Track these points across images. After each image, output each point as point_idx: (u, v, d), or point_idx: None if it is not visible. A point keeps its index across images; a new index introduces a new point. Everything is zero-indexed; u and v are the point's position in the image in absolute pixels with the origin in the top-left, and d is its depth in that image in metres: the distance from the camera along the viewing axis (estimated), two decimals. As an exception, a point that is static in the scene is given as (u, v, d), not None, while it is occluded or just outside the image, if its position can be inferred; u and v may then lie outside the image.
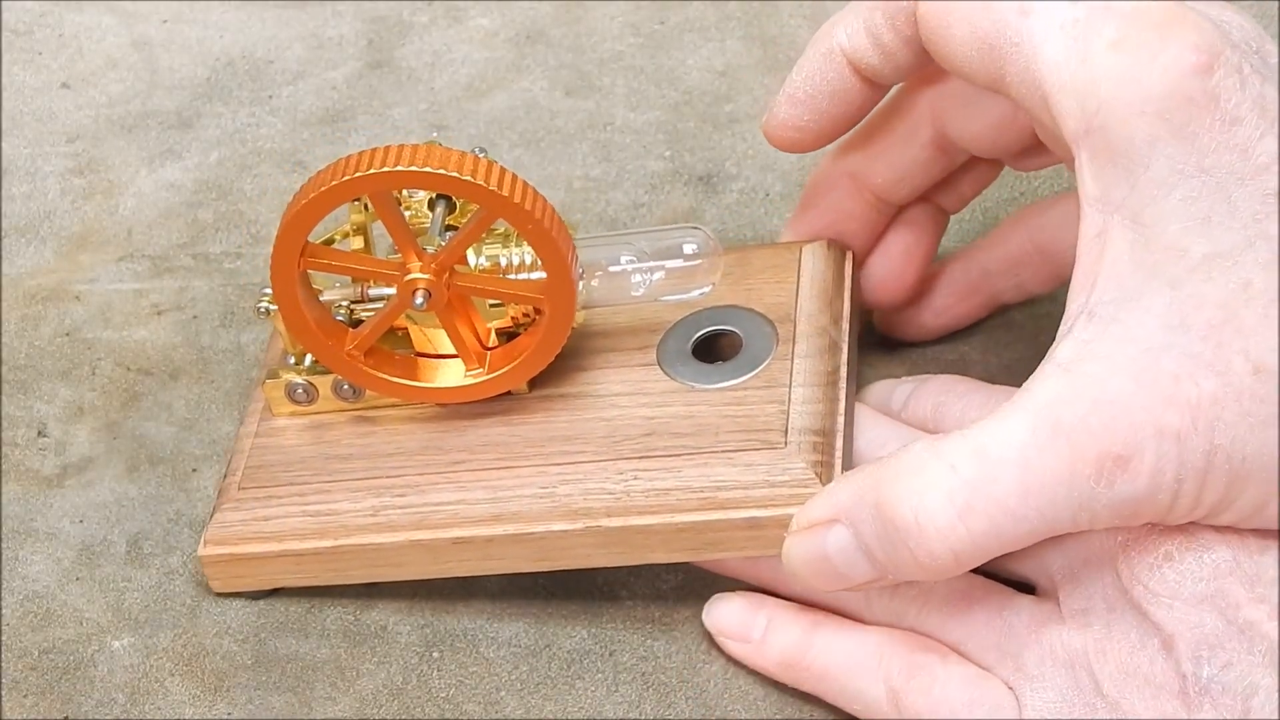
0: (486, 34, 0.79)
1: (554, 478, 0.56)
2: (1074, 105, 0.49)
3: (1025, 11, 0.50)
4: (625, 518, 0.55)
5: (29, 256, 0.70)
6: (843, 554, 0.51)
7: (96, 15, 0.81)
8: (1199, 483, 0.48)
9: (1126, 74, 0.48)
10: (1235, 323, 0.48)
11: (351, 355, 0.57)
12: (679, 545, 0.55)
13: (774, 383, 0.57)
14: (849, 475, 0.52)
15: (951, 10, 0.52)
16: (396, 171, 0.53)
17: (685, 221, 0.70)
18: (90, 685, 0.57)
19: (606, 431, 0.56)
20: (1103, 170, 0.49)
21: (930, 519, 0.49)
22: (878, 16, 0.55)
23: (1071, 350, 0.49)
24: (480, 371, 0.57)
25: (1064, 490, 0.48)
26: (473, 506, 0.56)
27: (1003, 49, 0.50)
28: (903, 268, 0.62)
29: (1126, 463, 0.48)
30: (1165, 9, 0.49)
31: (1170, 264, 0.48)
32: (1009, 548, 0.49)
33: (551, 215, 0.54)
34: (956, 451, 0.49)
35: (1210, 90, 0.48)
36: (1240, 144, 0.48)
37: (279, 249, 0.55)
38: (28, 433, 0.64)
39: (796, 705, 0.55)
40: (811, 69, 0.57)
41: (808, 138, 0.58)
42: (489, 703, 0.56)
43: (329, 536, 0.56)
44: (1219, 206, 0.48)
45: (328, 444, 0.58)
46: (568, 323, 0.56)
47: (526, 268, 0.57)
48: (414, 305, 0.55)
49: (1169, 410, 0.48)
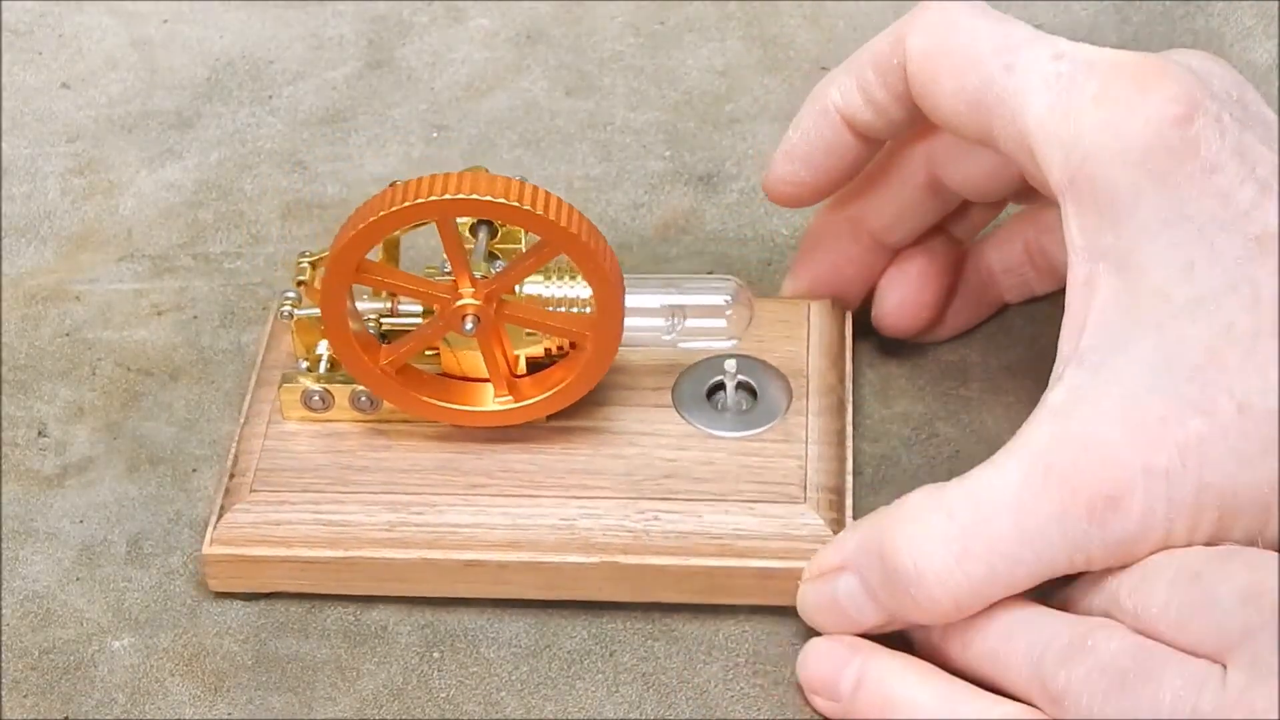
0: (486, 34, 0.79)
1: (575, 510, 0.57)
2: (1059, 157, 0.51)
3: (1010, 68, 0.52)
4: (642, 556, 0.56)
5: (29, 256, 0.70)
6: (851, 600, 0.53)
7: (96, 15, 0.81)
8: (1191, 519, 0.49)
9: (1109, 126, 0.50)
10: (1219, 363, 0.49)
11: (384, 370, 0.57)
12: (689, 587, 0.57)
13: (791, 437, 0.58)
14: (856, 524, 0.54)
15: (940, 67, 0.53)
16: (459, 200, 0.53)
17: (685, 221, 0.70)
18: (90, 685, 0.57)
19: (626, 469, 0.58)
20: (1088, 219, 0.51)
21: (929, 565, 0.50)
22: (870, 74, 0.56)
23: (1062, 396, 0.51)
24: (509, 399, 0.58)
25: (1058, 532, 0.50)
26: (490, 531, 0.57)
27: (989, 104, 0.52)
28: (918, 297, 0.63)
29: (1117, 503, 0.49)
30: (1145, 62, 0.51)
31: (1155, 309, 0.49)
32: (1008, 591, 0.51)
33: (612, 257, 0.55)
34: (953, 498, 0.51)
35: (1190, 140, 0.49)
36: (1221, 191, 0.49)
37: (331, 273, 0.55)
38: (28, 433, 0.64)
39: (796, 705, 0.55)
40: (808, 126, 0.58)
41: (805, 193, 0.60)
42: (489, 703, 0.56)
43: (340, 547, 0.57)
44: (1201, 252, 0.49)
45: (343, 454, 0.59)
46: (608, 360, 0.57)
47: (567, 302, 0.57)
48: (462, 330, 0.56)
49: (1157, 451, 0.49)
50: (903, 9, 0.79)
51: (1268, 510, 0.49)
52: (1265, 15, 0.77)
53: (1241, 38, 0.77)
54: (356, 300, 0.58)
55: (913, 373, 0.64)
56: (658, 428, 0.59)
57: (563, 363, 0.58)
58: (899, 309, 0.63)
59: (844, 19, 0.79)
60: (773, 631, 0.57)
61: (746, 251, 0.69)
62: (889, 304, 0.63)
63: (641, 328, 0.58)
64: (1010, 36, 0.53)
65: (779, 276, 0.68)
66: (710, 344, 0.59)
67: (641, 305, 0.58)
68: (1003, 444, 0.62)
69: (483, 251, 0.58)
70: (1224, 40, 0.76)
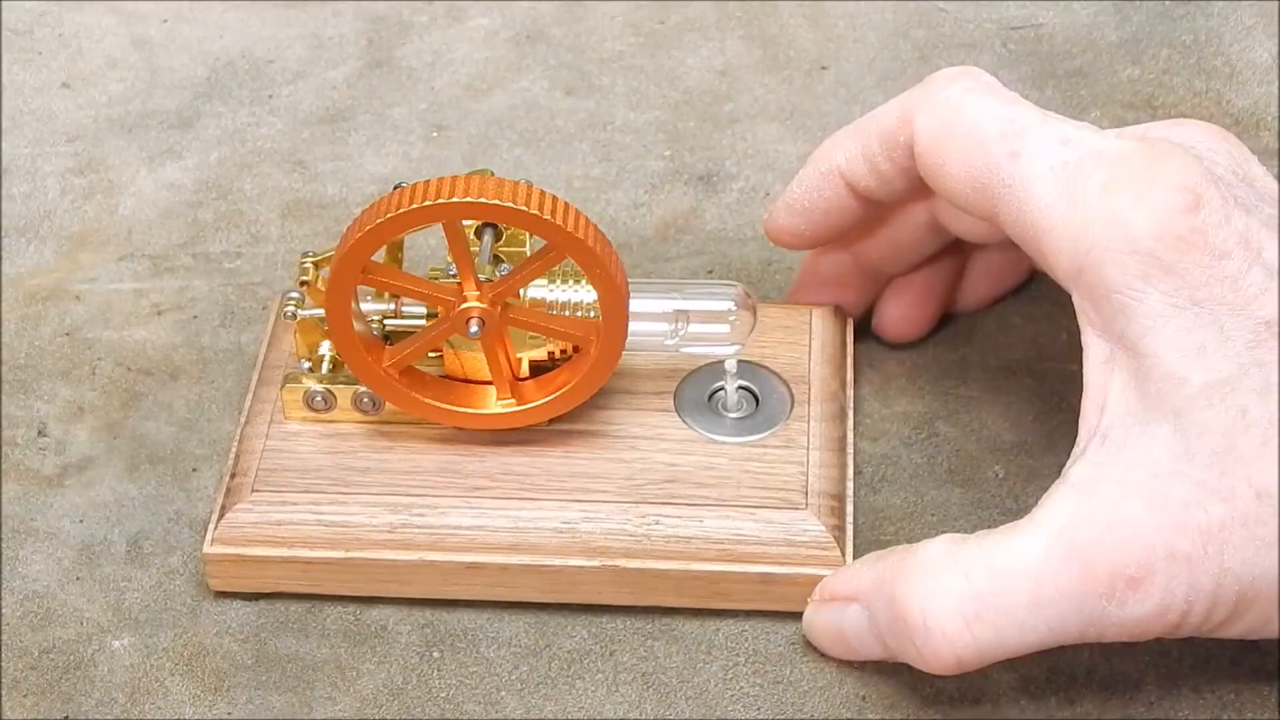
0: (486, 34, 0.79)
1: (577, 514, 0.57)
2: (1066, 246, 0.51)
3: (1016, 155, 0.52)
4: (644, 560, 0.56)
5: (29, 256, 0.70)
6: (856, 632, 0.54)
7: (96, 15, 0.81)
8: (1209, 604, 0.50)
9: (1116, 216, 0.50)
10: (1236, 452, 0.49)
11: (388, 372, 0.57)
12: (689, 592, 0.57)
13: (792, 444, 0.59)
14: (875, 557, 0.55)
15: (947, 150, 0.54)
16: (467, 203, 0.53)
17: (685, 221, 0.70)
18: (90, 685, 0.57)
19: (628, 473, 0.58)
20: (1100, 304, 0.51)
21: (938, 622, 0.51)
22: (875, 145, 0.57)
23: (1085, 472, 0.51)
24: (512, 402, 0.58)
25: (1074, 607, 0.50)
26: (492, 534, 0.57)
27: (995, 189, 0.53)
28: (921, 311, 0.64)
29: (1139, 584, 0.49)
30: (1150, 151, 0.51)
31: (1172, 392, 0.50)
32: (1012, 654, 0.51)
33: (618, 262, 0.55)
34: (971, 560, 0.51)
35: (1198, 227, 0.50)
36: (1229, 276, 0.50)
37: (337, 275, 0.55)
38: (28, 432, 0.64)
39: (796, 705, 0.55)
40: (810, 184, 0.59)
41: (803, 243, 0.61)
42: (489, 703, 0.56)
43: (341, 548, 0.57)
44: (1212, 336, 0.50)
45: (344, 455, 0.59)
46: (613, 364, 0.57)
47: (571, 306, 0.57)
48: (467, 333, 0.56)
49: (1181, 535, 0.49)
50: (902, 9, 0.80)
51: (1276, 600, 0.50)
52: (1265, 15, 0.77)
53: (1241, 37, 0.77)
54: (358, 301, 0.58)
55: (913, 372, 0.64)
56: (659, 432, 0.59)
57: (566, 366, 0.58)
58: (901, 323, 0.64)
59: (844, 19, 0.79)
60: (772, 631, 0.57)
61: (746, 251, 0.69)
62: (891, 317, 0.64)
63: (644, 332, 0.58)
64: (1016, 121, 0.53)
65: (779, 277, 0.68)
66: (713, 349, 0.59)
67: (645, 310, 0.58)
68: (1003, 444, 0.62)
69: (488, 254, 0.58)
70: (1224, 40, 0.76)
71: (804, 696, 0.55)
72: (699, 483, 0.57)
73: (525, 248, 0.59)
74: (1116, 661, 0.56)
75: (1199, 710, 0.55)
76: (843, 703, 0.55)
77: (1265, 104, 0.74)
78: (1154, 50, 0.76)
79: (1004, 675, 0.56)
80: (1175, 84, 0.75)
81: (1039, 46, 0.77)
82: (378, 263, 0.56)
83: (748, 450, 0.58)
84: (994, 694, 0.55)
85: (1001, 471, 0.61)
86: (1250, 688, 0.55)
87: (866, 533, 0.59)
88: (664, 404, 0.60)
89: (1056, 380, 0.63)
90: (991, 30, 0.78)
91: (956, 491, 0.61)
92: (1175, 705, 0.55)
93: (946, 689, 0.55)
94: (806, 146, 0.72)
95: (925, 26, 0.78)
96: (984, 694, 0.55)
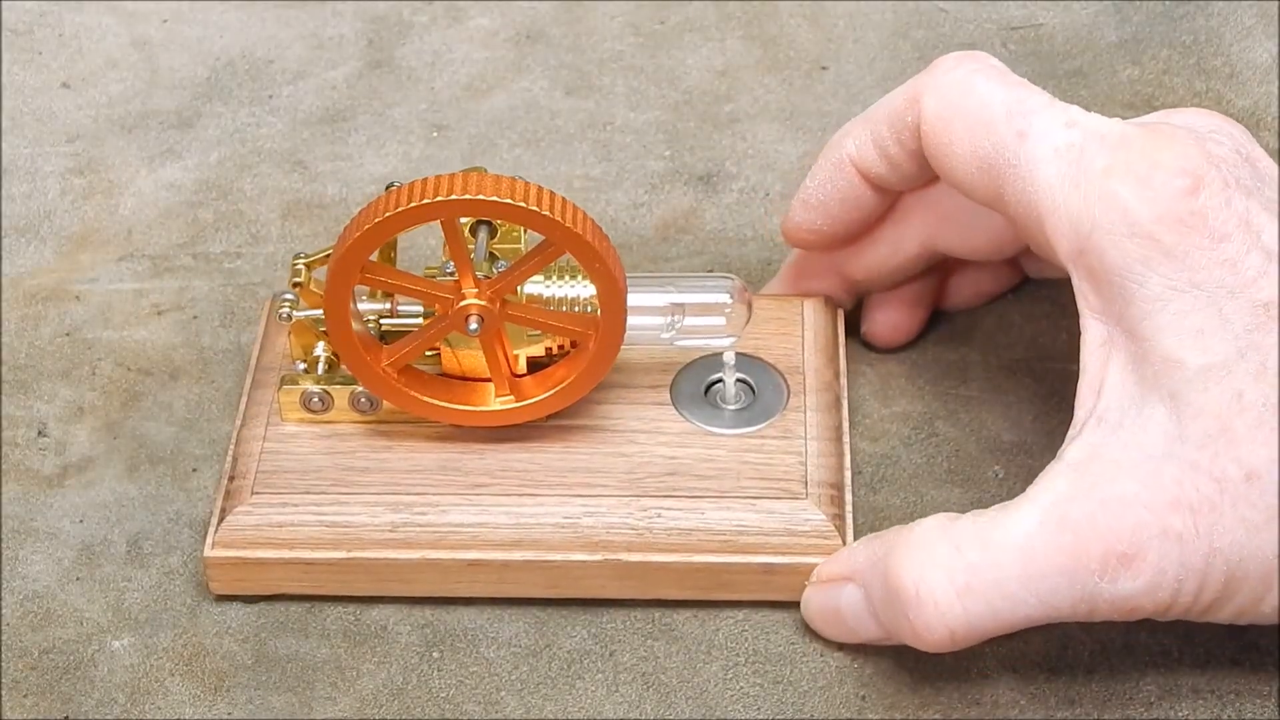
0: (486, 34, 0.79)
1: (578, 509, 0.57)
2: (1068, 227, 0.52)
3: (1023, 135, 0.53)
4: (645, 554, 0.57)
5: (29, 256, 0.70)
6: (853, 611, 0.55)
7: (96, 15, 0.81)
8: (1198, 583, 0.50)
9: (1118, 199, 0.51)
10: (1230, 434, 0.49)
11: (386, 371, 0.57)
12: (692, 584, 0.57)
13: (789, 434, 0.59)
14: (869, 538, 0.55)
15: (953, 130, 0.54)
16: (465, 200, 0.53)
17: (684, 221, 0.70)
18: (90, 685, 0.57)
19: (628, 467, 0.58)
20: (1099, 287, 0.52)
21: (930, 594, 0.51)
22: (884, 130, 0.57)
23: (1081, 452, 0.51)
24: (510, 398, 0.58)
25: (1066, 581, 0.50)
26: (494, 531, 0.57)
27: (1001, 169, 0.53)
28: (909, 320, 0.64)
29: (1131, 560, 0.50)
30: (1153, 134, 0.52)
31: (1169, 375, 0.50)
32: (1004, 630, 0.51)
33: (615, 256, 0.55)
34: (964, 534, 0.51)
35: (1198, 210, 0.50)
36: (1229, 259, 0.50)
37: (335, 275, 0.55)
38: (28, 433, 0.64)
39: (796, 705, 0.55)
40: (824, 177, 0.59)
41: (823, 240, 0.61)
42: (489, 703, 0.56)
43: (343, 548, 0.57)
44: (1211, 319, 0.50)
45: (343, 455, 0.59)
46: (611, 359, 0.57)
47: (568, 302, 0.58)
48: (467, 330, 0.56)
49: (1173, 514, 0.50)
50: (902, 9, 0.80)
51: (1269, 579, 0.50)
52: (1265, 15, 0.77)
53: (1241, 38, 0.77)
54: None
55: (913, 372, 0.64)
56: (657, 425, 0.59)
57: (564, 362, 0.58)
58: (889, 330, 0.64)
59: (844, 19, 0.79)
60: (773, 631, 0.57)
61: (746, 251, 0.69)
62: (879, 324, 0.64)
63: (640, 326, 0.58)
64: (1024, 102, 0.53)
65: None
66: (708, 342, 0.59)
67: (641, 304, 0.58)
68: (1003, 444, 0.62)
69: (483, 252, 0.58)
70: (1224, 40, 0.76)
71: (804, 696, 0.55)
72: (699, 475, 0.58)
73: (520, 245, 0.59)
74: (1116, 661, 0.56)
75: (1199, 710, 0.55)
76: (843, 703, 0.55)
77: (1265, 104, 0.74)
78: (1154, 50, 0.76)
79: (1004, 675, 0.56)
80: (1175, 84, 0.75)
81: (1039, 46, 0.77)
82: (375, 262, 0.56)
83: (746, 441, 0.59)
84: (994, 694, 0.55)
85: (1001, 471, 0.61)
86: (1250, 688, 0.55)
87: (866, 532, 0.59)
88: (660, 397, 0.60)
89: (1056, 380, 0.63)
90: (991, 30, 0.78)
91: (956, 491, 0.61)
92: (1175, 705, 0.55)
93: (946, 689, 0.55)
94: (806, 146, 0.73)
95: (925, 26, 0.78)
96: (984, 694, 0.55)
